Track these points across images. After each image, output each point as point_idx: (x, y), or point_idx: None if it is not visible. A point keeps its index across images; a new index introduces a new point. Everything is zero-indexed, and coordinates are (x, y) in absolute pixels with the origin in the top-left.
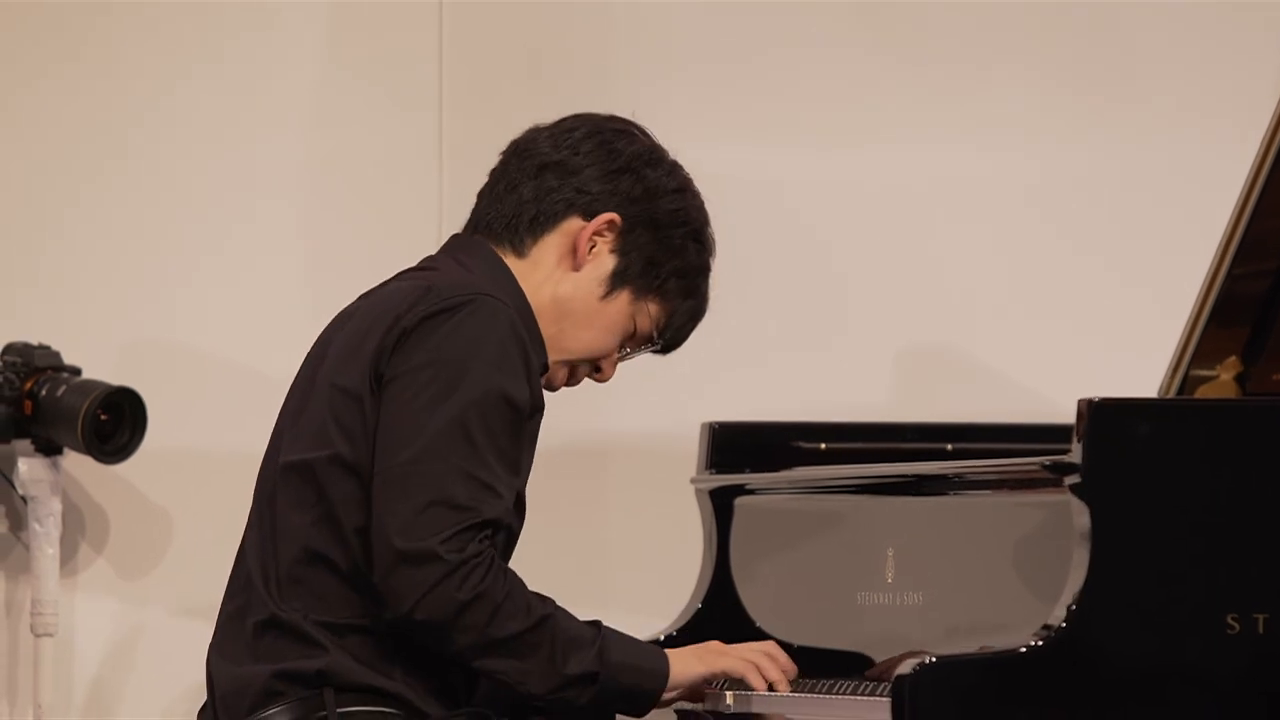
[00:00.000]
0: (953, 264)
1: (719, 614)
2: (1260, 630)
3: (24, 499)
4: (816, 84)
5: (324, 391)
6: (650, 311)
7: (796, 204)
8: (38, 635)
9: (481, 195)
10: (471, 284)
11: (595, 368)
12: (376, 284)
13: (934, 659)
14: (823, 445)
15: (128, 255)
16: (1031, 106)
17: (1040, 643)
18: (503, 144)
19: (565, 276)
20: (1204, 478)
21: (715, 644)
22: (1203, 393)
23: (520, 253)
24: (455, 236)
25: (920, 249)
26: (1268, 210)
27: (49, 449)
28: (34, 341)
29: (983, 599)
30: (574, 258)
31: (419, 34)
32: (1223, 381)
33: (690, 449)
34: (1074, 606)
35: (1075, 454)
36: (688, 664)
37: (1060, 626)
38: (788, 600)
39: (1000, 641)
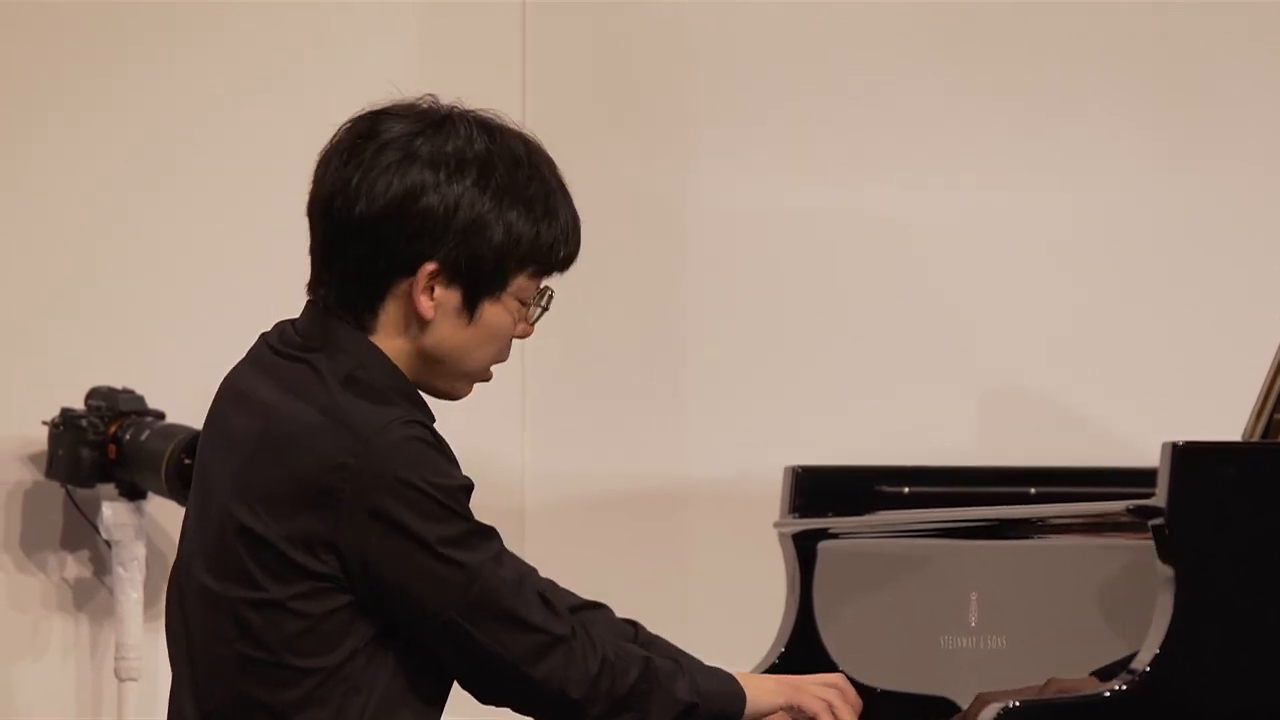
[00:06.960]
0: (1036, 307)
1: (802, 658)
2: None
3: (108, 543)
4: (896, 121)
5: (228, 522)
6: (519, 286)
7: (878, 247)
8: (121, 680)
9: (314, 254)
10: (365, 406)
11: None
12: (245, 374)
13: (1017, 703)
14: (906, 489)
15: (212, 298)
16: (1115, 149)
17: (1124, 687)
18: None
19: (422, 332)
20: None
21: (789, 676)
22: None
23: (370, 329)
24: (313, 321)
25: (1003, 291)
26: None
27: (133, 493)
28: (118, 386)
29: (1066, 643)
30: (419, 315)
31: (502, 62)
32: None
33: (773, 493)
34: (1158, 651)
35: (1159, 497)
36: (764, 690)
37: (1144, 671)
38: (871, 644)
39: (1083, 685)
